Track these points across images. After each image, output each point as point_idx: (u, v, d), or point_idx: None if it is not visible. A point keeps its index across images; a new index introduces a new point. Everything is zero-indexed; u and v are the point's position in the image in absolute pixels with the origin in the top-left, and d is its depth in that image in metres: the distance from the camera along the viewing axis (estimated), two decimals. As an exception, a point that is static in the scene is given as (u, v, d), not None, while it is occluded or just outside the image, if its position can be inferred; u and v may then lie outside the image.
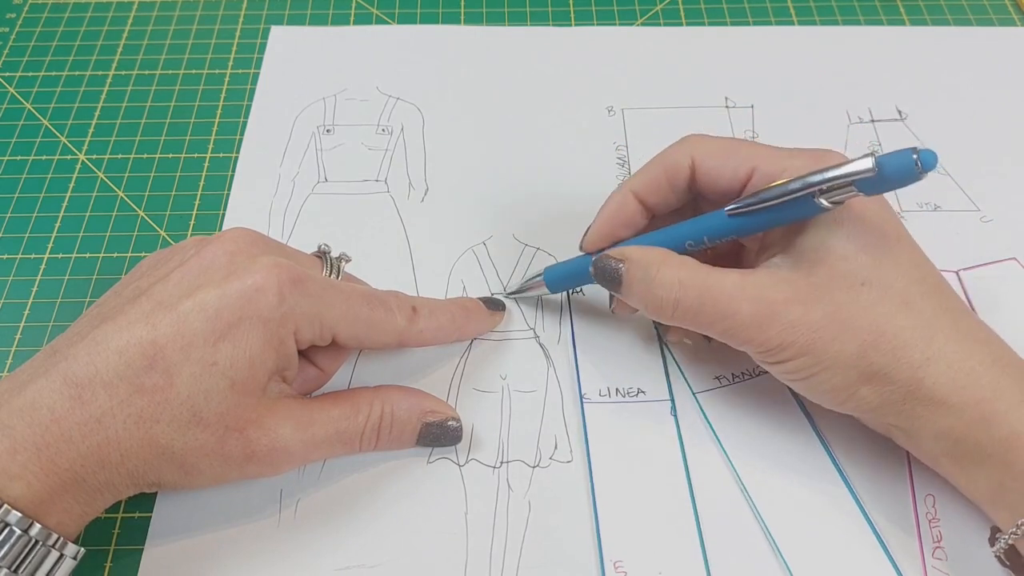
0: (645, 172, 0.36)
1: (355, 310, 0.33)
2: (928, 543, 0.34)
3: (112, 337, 0.30)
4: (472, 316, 0.39)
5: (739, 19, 0.54)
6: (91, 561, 0.34)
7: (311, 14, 0.54)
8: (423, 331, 0.36)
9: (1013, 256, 0.42)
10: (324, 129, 0.48)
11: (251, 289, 0.31)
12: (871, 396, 0.31)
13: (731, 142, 0.35)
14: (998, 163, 0.47)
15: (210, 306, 0.30)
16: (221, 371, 0.30)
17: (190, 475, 0.31)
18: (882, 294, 0.31)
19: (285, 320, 0.31)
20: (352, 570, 0.33)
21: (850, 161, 0.30)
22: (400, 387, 0.37)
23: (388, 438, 0.35)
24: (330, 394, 0.35)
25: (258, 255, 0.32)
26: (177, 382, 0.30)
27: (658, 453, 0.36)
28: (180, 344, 0.30)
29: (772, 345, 0.32)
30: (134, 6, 0.55)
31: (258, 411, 0.31)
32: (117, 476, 0.30)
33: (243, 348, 0.30)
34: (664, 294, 0.33)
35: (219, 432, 0.30)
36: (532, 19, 0.54)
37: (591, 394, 0.38)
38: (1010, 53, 0.52)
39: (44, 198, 0.45)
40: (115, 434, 0.29)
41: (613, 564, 0.33)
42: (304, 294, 0.32)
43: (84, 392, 0.29)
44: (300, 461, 0.33)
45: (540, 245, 0.43)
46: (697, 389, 0.38)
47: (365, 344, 0.35)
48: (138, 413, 0.29)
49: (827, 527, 0.34)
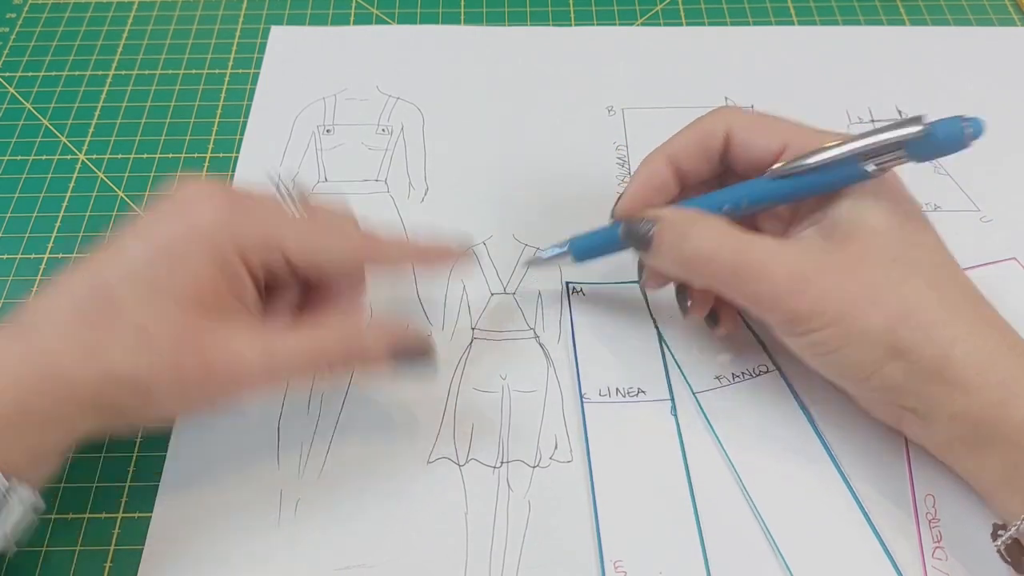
0: (680, 138, 0.36)
1: (302, 228, 0.33)
2: (928, 543, 0.34)
3: (64, 286, 0.31)
4: (432, 242, 0.37)
5: (739, 19, 0.54)
6: (91, 561, 0.34)
7: (311, 14, 0.54)
8: (383, 246, 0.35)
9: (1013, 256, 0.42)
10: (324, 129, 0.48)
11: (191, 214, 0.31)
12: (896, 373, 0.31)
13: (764, 116, 0.35)
14: (998, 163, 0.47)
15: (151, 236, 0.31)
16: (167, 293, 0.30)
17: (149, 402, 0.30)
18: (912, 272, 0.31)
19: (229, 241, 0.31)
20: (352, 570, 0.33)
21: (901, 124, 0.30)
22: (377, 319, 0.38)
23: (357, 361, 0.34)
24: (296, 319, 0.34)
25: (202, 182, 0.33)
26: (123, 309, 0.30)
27: (658, 453, 0.36)
28: (123, 273, 0.30)
29: (803, 313, 0.31)
30: (134, 6, 0.55)
31: (212, 330, 0.31)
32: (69, 407, 0.29)
33: (188, 269, 0.31)
34: (697, 251, 0.32)
35: (173, 353, 0.30)
36: (532, 19, 0.54)
37: (591, 394, 0.38)
38: (1010, 53, 0.52)
39: (44, 198, 0.45)
40: (67, 367, 0.29)
41: (613, 564, 0.33)
42: (246, 215, 0.32)
43: (26, 329, 0.30)
44: (264, 381, 0.32)
45: (540, 245, 0.43)
46: (697, 389, 0.38)
47: (320, 261, 0.33)
48: (88, 345, 0.29)
49: (827, 527, 0.34)
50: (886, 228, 0.32)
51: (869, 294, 0.31)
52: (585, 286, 0.41)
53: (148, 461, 0.36)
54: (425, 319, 0.40)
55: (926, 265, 0.32)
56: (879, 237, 0.32)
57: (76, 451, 0.36)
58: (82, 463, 0.36)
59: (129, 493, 0.35)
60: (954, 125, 0.29)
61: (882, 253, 0.31)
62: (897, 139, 0.30)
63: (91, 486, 0.35)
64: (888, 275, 0.31)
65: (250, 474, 0.36)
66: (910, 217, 0.33)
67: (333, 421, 0.37)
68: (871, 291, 0.31)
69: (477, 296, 0.41)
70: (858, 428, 0.36)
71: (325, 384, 0.38)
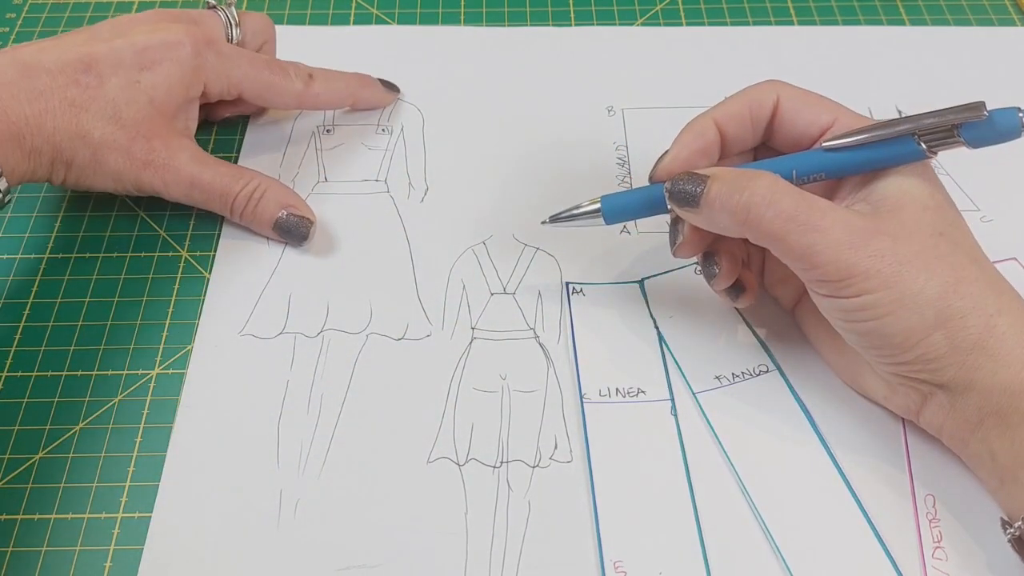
0: (729, 103, 0.36)
1: (257, 72, 0.42)
2: (928, 543, 0.33)
3: (55, 49, 0.39)
4: (367, 86, 0.47)
5: (739, 19, 0.54)
6: (91, 561, 0.34)
7: (311, 14, 0.54)
8: (319, 94, 0.45)
9: (1013, 256, 0.42)
10: (324, 129, 0.48)
11: (173, 41, 0.40)
12: (942, 342, 0.31)
13: (814, 93, 0.36)
14: (998, 163, 0.46)
15: (139, 43, 0.39)
16: (142, 88, 0.39)
17: (97, 163, 0.39)
18: (956, 247, 0.32)
19: (198, 70, 0.40)
20: (352, 570, 0.33)
21: (962, 108, 0.32)
22: (281, 183, 0.43)
23: (252, 212, 0.42)
24: (225, 161, 0.43)
25: (179, 20, 0.41)
26: (106, 85, 0.39)
27: (658, 453, 0.36)
28: (111, 61, 0.39)
29: (857, 271, 0.31)
30: (134, 6, 0.55)
31: (166, 132, 0.40)
32: (46, 145, 0.38)
33: (162, 78, 0.40)
34: (755, 199, 0.32)
35: (131, 134, 0.39)
36: (532, 19, 0.54)
37: (591, 394, 0.38)
38: (1010, 53, 0.52)
39: (43, 198, 0.45)
40: (51, 108, 0.37)
41: (613, 564, 0.33)
42: (215, 53, 0.41)
43: (30, 70, 0.38)
44: (185, 188, 0.41)
45: (540, 245, 0.43)
46: (697, 389, 0.38)
47: (268, 102, 0.44)
48: (72, 99, 0.38)
49: (827, 527, 0.34)
50: (934, 205, 0.33)
51: (922, 261, 0.32)
52: (585, 286, 0.41)
53: (148, 461, 0.36)
54: (425, 319, 0.40)
55: (967, 243, 0.33)
56: (928, 212, 0.33)
57: (76, 451, 0.36)
58: (82, 463, 0.36)
59: (129, 493, 0.35)
60: (1012, 114, 0.31)
61: (932, 226, 0.32)
62: (957, 121, 0.32)
63: (91, 486, 0.35)
64: (937, 247, 0.32)
65: (250, 474, 0.36)
66: (949, 202, 0.34)
67: (333, 421, 0.37)
68: (923, 259, 0.32)
69: (477, 296, 0.41)
70: (858, 428, 0.36)
71: (324, 384, 0.38)
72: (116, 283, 0.41)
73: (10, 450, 0.36)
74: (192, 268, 0.42)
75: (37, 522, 0.35)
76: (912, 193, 0.33)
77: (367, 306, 0.41)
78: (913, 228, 0.32)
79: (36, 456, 0.36)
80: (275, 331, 0.40)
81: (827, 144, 0.34)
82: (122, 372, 0.39)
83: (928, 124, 0.32)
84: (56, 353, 0.39)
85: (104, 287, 0.41)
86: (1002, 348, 0.31)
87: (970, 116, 0.31)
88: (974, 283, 0.32)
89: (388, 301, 0.41)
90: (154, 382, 0.38)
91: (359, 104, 0.47)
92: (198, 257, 0.43)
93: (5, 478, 0.36)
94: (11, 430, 0.37)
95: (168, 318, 0.40)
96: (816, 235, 0.32)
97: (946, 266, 0.32)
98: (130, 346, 0.40)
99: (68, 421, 0.37)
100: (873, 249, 0.31)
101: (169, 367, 0.39)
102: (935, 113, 0.32)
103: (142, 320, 0.40)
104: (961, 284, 0.31)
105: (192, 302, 0.41)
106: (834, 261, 0.32)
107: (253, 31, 0.45)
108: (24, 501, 0.35)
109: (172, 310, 0.41)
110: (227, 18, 0.44)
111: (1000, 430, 0.31)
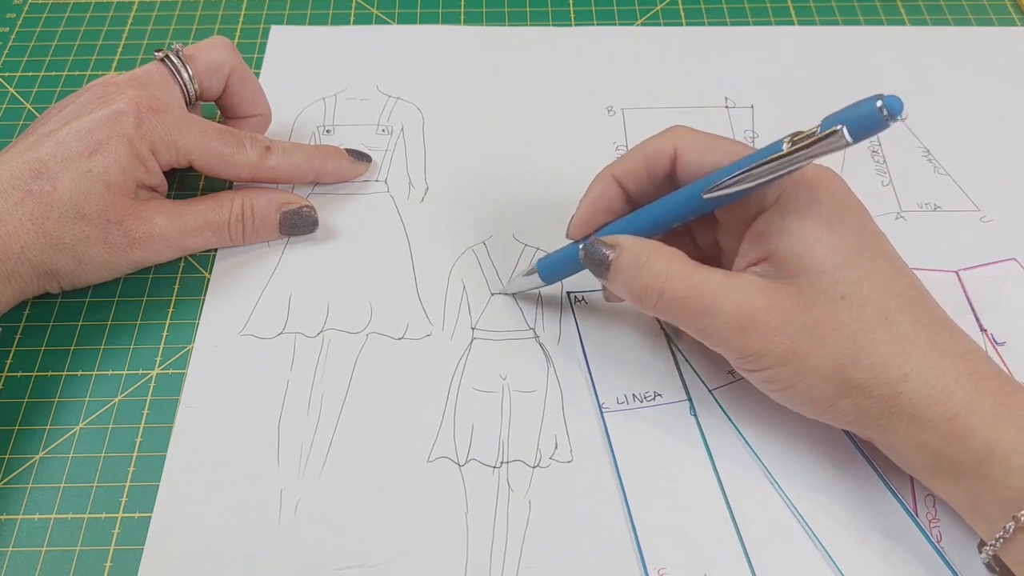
0: (627, 159, 0.36)
1: (208, 141, 0.40)
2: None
3: (4, 163, 0.37)
4: (330, 158, 0.44)
5: (739, 19, 0.54)
6: (91, 561, 0.34)
7: (311, 14, 0.54)
8: (275, 168, 0.42)
9: (1013, 256, 0.42)
10: (324, 129, 0.48)
11: (116, 113, 0.38)
12: (849, 409, 0.32)
13: (714, 137, 0.35)
14: (998, 163, 0.47)
15: (83, 128, 0.38)
16: (96, 176, 0.37)
17: (83, 263, 0.38)
18: (861, 309, 0.31)
19: (144, 139, 0.38)
20: (352, 570, 0.33)
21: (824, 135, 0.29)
22: (259, 187, 0.42)
23: (252, 228, 0.41)
24: (199, 196, 0.41)
25: (125, 88, 0.40)
26: (60, 186, 0.37)
27: (683, 454, 0.36)
28: (60, 158, 0.37)
29: (751, 351, 0.32)
30: (134, 6, 0.55)
31: (134, 207, 0.39)
32: (20, 266, 0.37)
33: (113, 158, 0.38)
34: (650, 283, 0.33)
35: (101, 225, 0.38)
36: (532, 19, 0.54)
37: (609, 403, 0.37)
38: (1010, 53, 0.52)
39: (44, 198, 0.45)
40: (14, 229, 0.36)
41: (657, 572, 0.33)
42: (160, 121, 0.39)
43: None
44: (176, 246, 0.40)
45: (540, 245, 0.43)
46: (712, 386, 0.38)
47: (220, 173, 0.41)
48: (30, 212, 0.37)
49: (861, 511, 0.34)
50: (833, 265, 0.31)
51: (817, 334, 0.31)
52: (586, 294, 0.41)
53: (148, 461, 0.36)
54: (425, 319, 0.40)
55: (878, 300, 0.31)
56: (824, 276, 0.31)
57: (76, 451, 0.36)
58: (82, 463, 0.36)
59: (129, 493, 0.35)
60: (870, 105, 0.28)
61: (830, 292, 0.31)
62: (816, 154, 0.29)
63: (91, 486, 0.35)
64: (836, 314, 0.31)
65: (250, 474, 0.36)
66: (860, 249, 0.32)
67: (333, 421, 0.37)
68: (819, 331, 0.31)
69: (477, 296, 0.41)
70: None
71: (324, 384, 0.38)
72: (116, 283, 0.41)
73: (10, 450, 0.36)
74: (192, 268, 0.42)
75: (37, 522, 0.35)
76: (810, 256, 0.31)
77: (367, 306, 0.41)
78: (809, 297, 0.31)
79: (36, 456, 0.36)
80: (275, 331, 0.40)
81: (707, 196, 0.32)
82: (122, 372, 0.39)
83: (790, 160, 0.30)
84: (56, 353, 0.39)
85: (104, 287, 0.41)
86: (913, 412, 0.30)
87: (831, 147, 0.29)
88: (875, 352, 0.30)
89: (388, 301, 0.41)
90: (154, 382, 0.38)
91: (322, 178, 0.44)
92: (198, 257, 0.42)
93: (5, 478, 0.36)
94: (11, 430, 0.37)
95: (168, 318, 0.40)
96: (707, 319, 0.32)
97: (844, 337, 0.31)
98: (130, 346, 0.40)
99: (68, 421, 0.37)
100: (765, 328, 0.31)
101: (169, 367, 0.39)
102: (798, 140, 0.30)
103: (142, 320, 0.40)
104: (860, 355, 0.31)
105: (192, 302, 0.41)
106: (726, 342, 0.32)
107: (207, 66, 0.42)
108: (24, 501, 0.35)
109: (172, 310, 0.41)
110: (175, 65, 0.41)
111: (935, 482, 0.32)
